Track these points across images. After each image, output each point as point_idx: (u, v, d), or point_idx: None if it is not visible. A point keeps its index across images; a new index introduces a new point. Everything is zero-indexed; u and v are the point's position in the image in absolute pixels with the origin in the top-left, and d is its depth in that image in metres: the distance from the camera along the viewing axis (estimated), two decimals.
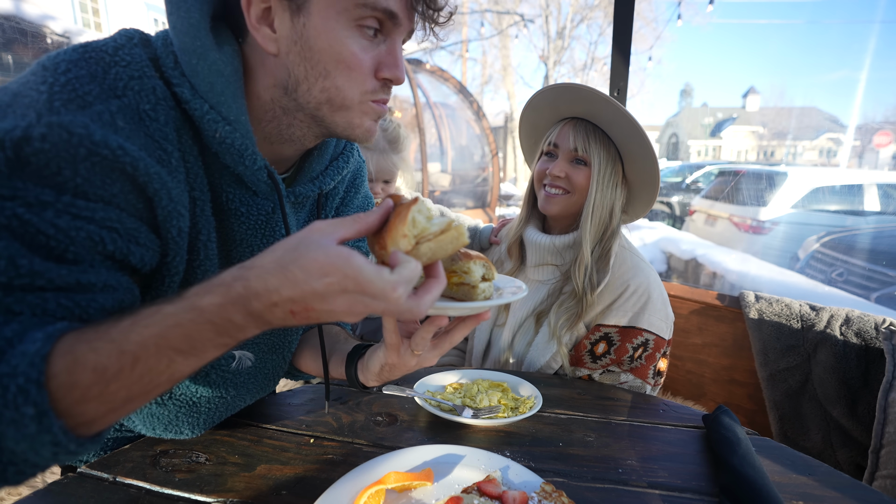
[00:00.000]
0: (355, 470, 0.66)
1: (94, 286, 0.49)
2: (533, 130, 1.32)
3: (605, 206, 1.16)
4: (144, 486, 0.66)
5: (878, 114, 23.70)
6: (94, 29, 8.85)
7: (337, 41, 0.58)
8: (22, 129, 0.45)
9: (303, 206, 0.80)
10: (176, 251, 0.59)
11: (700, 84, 62.15)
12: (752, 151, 34.62)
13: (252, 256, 0.69)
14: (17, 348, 0.41)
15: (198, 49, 0.57)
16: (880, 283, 3.35)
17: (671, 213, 9.15)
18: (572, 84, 1.12)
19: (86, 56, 0.53)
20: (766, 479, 0.67)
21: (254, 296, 0.44)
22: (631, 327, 1.11)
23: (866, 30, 25.61)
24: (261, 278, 0.44)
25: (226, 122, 0.60)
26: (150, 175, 0.52)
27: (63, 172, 0.47)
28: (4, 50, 3.81)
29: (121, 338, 0.44)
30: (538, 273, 1.26)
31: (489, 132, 6.95)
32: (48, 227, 0.46)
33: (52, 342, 0.42)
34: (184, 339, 0.45)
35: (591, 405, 0.96)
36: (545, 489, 0.63)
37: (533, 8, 17.08)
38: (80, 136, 0.47)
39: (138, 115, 0.54)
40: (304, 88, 0.61)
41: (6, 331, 0.42)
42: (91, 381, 0.42)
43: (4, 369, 0.39)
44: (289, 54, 0.60)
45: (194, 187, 0.61)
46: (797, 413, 1.57)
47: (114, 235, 0.50)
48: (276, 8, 0.58)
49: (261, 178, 0.65)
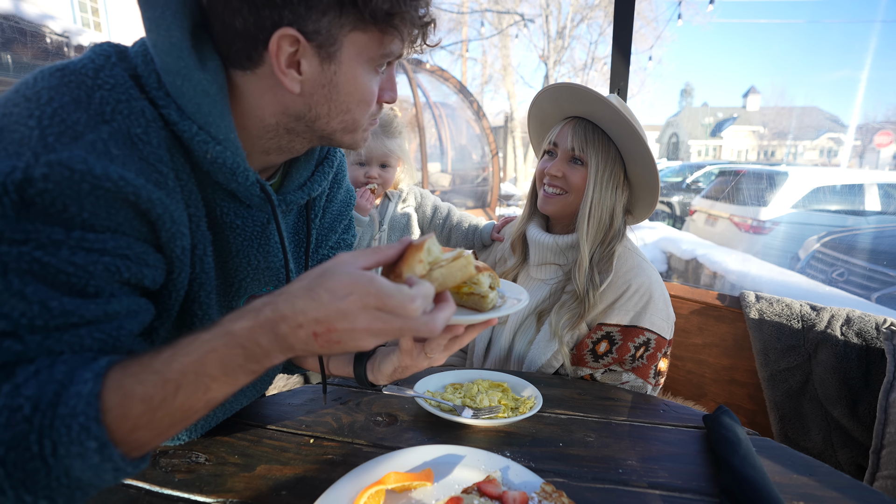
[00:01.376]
0: (355, 470, 0.66)
1: (119, 314, 0.53)
2: (540, 127, 1.33)
3: (603, 208, 1.16)
4: (144, 486, 0.66)
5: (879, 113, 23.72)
6: (93, 29, 8.84)
7: (363, 85, 0.64)
8: (22, 170, 0.46)
9: (291, 210, 0.81)
10: (181, 268, 0.61)
11: (700, 84, 62.27)
12: (753, 151, 34.62)
13: (248, 266, 0.73)
14: (71, 390, 0.44)
15: (181, 70, 0.57)
16: (881, 283, 3.35)
17: (671, 213, 9.15)
18: (571, 84, 1.13)
19: (65, 81, 0.52)
20: (767, 480, 0.67)
21: (281, 318, 0.47)
22: (633, 326, 1.11)
23: (867, 29, 25.60)
24: (289, 302, 0.47)
25: (216, 142, 0.60)
26: (153, 201, 0.54)
27: (69, 209, 0.48)
28: (4, 49, 3.81)
29: (163, 368, 0.47)
30: (540, 272, 1.26)
31: (489, 132, 6.95)
32: (67, 266, 0.48)
33: (101, 380, 0.46)
34: (218, 365, 0.47)
35: (592, 405, 0.95)
36: (545, 489, 0.63)
37: (533, 7, 17.08)
38: (82, 172, 0.48)
39: (130, 139, 0.54)
40: (323, 121, 0.65)
41: (56, 374, 0.45)
42: (140, 411, 0.46)
43: (64, 411, 0.43)
44: (313, 95, 0.62)
45: (189, 204, 0.63)
46: (798, 413, 1.57)
47: (127, 263, 0.53)
48: (305, 53, 0.59)
49: (254, 192, 0.67)
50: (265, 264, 0.75)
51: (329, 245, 0.95)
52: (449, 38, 15.56)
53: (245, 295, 0.76)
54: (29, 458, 0.42)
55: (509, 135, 15.11)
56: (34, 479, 0.42)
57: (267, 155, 0.70)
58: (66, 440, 0.42)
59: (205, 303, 0.67)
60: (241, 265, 0.73)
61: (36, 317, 0.46)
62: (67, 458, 0.42)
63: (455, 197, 6.86)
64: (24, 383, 0.44)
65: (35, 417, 0.42)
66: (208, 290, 0.67)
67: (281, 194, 0.75)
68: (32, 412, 0.43)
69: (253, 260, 0.73)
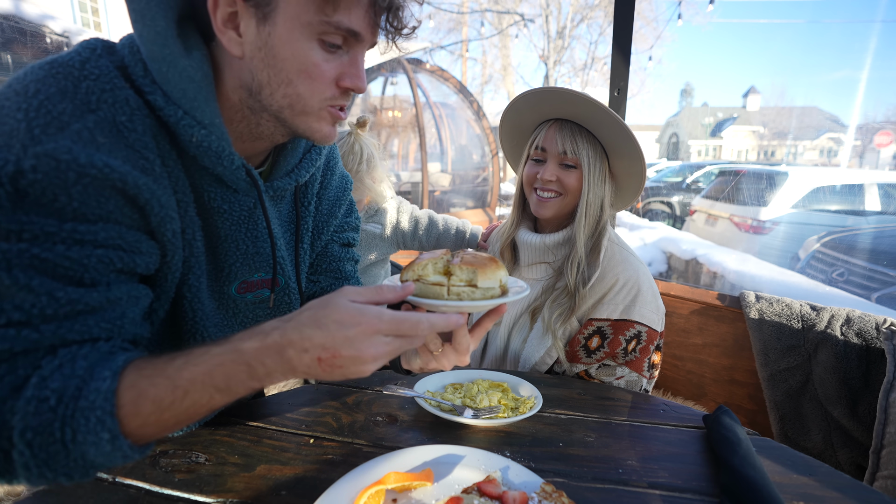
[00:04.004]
0: (355, 470, 0.66)
1: (120, 300, 0.56)
2: (514, 131, 1.33)
3: (596, 203, 1.18)
4: (144, 486, 0.66)
5: (879, 113, 23.70)
6: (93, 28, 8.83)
7: (300, 52, 0.60)
8: (13, 162, 0.48)
9: (282, 198, 0.82)
10: (173, 251, 0.63)
11: (700, 84, 62.26)
12: (753, 151, 34.61)
13: (237, 251, 0.75)
14: (91, 385, 0.50)
15: (167, 57, 0.58)
16: (881, 283, 3.35)
17: (671, 213, 9.15)
18: (556, 88, 1.14)
19: (53, 73, 0.54)
20: (767, 480, 0.67)
21: (289, 343, 0.51)
22: (623, 320, 1.12)
23: (867, 29, 25.58)
24: (297, 329, 0.51)
25: (201, 126, 0.61)
26: (140, 187, 0.56)
27: (59, 199, 0.50)
28: (4, 49, 3.81)
29: (175, 375, 0.52)
30: (531, 272, 1.28)
31: (489, 132, 6.95)
32: (63, 260, 0.51)
33: (118, 378, 0.51)
34: (223, 378, 0.52)
35: (592, 405, 0.95)
36: (545, 489, 0.63)
37: (533, 7, 17.06)
38: (67, 162, 0.50)
39: (115, 127, 0.55)
40: (267, 93, 0.63)
41: (77, 369, 0.50)
42: (150, 410, 0.51)
43: (84, 404, 0.49)
44: (253, 59, 0.61)
45: (177, 190, 0.64)
46: (798, 413, 1.57)
47: (119, 253, 0.56)
48: (243, 13, 0.59)
49: (240, 176, 0.68)
50: (254, 249, 0.77)
51: (331, 230, 0.96)
52: (449, 38, 15.58)
53: (236, 281, 0.78)
54: (52, 443, 0.48)
55: None
56: (55, 459, 0.49)
57: (243, 142, 0.70)
58: (84, 430, 0.48)
59: (194, 286, 0.70)
60: (230, 250, 0.74)
61: (46, 307, 0.50)
62: (84, 445, 0.49)
63: (455, 197, 6.86)
64: (50, 376, 0.49)
65: (59, 408, 0.48)
66: (198, 274, 0.69)
67: (269, 181, 0.76)
68: (57, 403, 0.48)
69: (241, 245, 0.75)
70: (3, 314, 0.49)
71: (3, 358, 0.49)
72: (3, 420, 0.48)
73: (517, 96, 1.23)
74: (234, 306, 0.80)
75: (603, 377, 1.14)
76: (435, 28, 14.94)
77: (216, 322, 0.77)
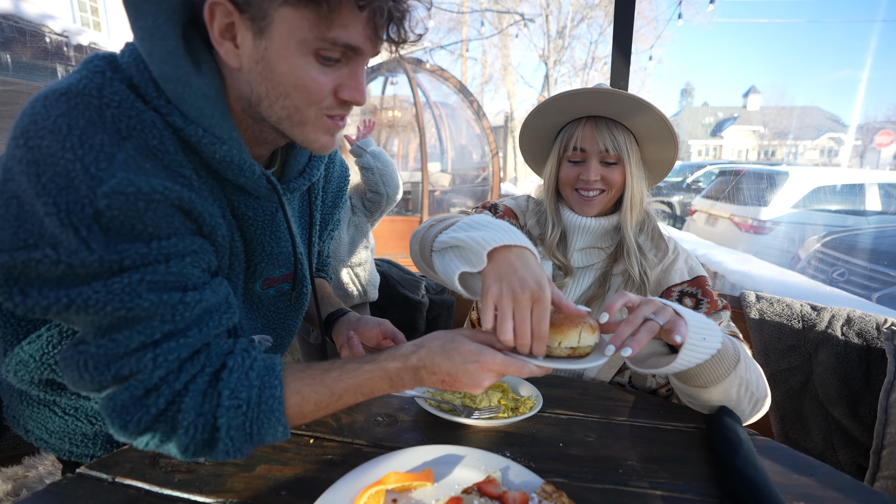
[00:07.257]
0: (355, 470, 0.66)
1: (223, 294, 0.65)
2: (537, 134, 1.31)
3: (640, 193, 1.19)
4: (143, 486, 0.66)
5: (880, 113, 23.71)
6: (93, 28, 8.81)
7: (297, 67, 0.60)
8: (88, 205, 0.52)
9: (294, 196, 0.84)
10: (222, 254, 0.70)
11: (701, 83, 62.23)
12: (753, 151, 34.61)
13: (262, 252, 0.80)
14: (266, 393, 0.61)
15: (181, 77, 0.58)
16: (882, 283, 3.35)
17: (672, 212, 9.15)
18: (599, 89, 1.10)
19: (73, 104, 0.54)
20: (768, 480, 0.67)
21: (423, 366, 0.66)
22: (695, 277, 1.15)
23: (868, 29, 25.55)
24: (430, 356, 0.66)
25: (221, 142, 0.62)
26: (192, 201, 0.60)
27: (136, 227, 0.55)
28: (3, 49, 3.80)
29: (333, 384, 0.65)
30: (583, 257, 1.23)
31: (489, 132, 6.94)
32: (168, 275, 0.57)
33: (283, 385, 0.63)
34: (370, 388, 0.67)
35: (592, 405, 0.95)
36: (545, 490, 0.63)
37: (533, 7, 17.05)
38: (134, 193, 0.53)
39: (150, 151, 0.57)
40: (265, 105, 0.64)
41: (253, 380, 0.61)
42: (311, 410, 0.65)
43: (265, 408, 0.61)
44: (251, 71, 0.61)
45: (215, 199, 0.67)
46: (798, 413, 1.57)
47: (200, 256, 0.62)
48: (239, 25, 0.58)
49: (261, 184, 0.70)
50: (277, 250, 0.81)
51: (335, 220, 1.02)
52: (449, 38, 15.57)
53: (261, 278, 0.83)
54: (243, 435, 0.61)
55: (509, 135, 15.09)
56: (243, 444, 0.61)
57: (250, 147, 0.71)
58: (266, 426, 0.61)
59: (233, 282, 0.76)
60: (257, 252, 0.78)
61: (185, 312, 0.58)
62: (264, 435, 0.62)
63: (455, 197, 6.86)
64: (237, 387, 0.60)
65: (249, 412, 0.60)
66: (238, 272, 0.76)
67: (284, 183, 0.78)
68: (247, 409, 0.60)
69: (266, 247, 0.79)
70: (158, 331, 0.56)
71: (177, 366, 0.59)
72: (206, 421, 0.59)
73: (547, 99, 1.19)
74: (257, 301, 0.85)
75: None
76: (435, 28, 14.93)
77: (243, 316, 0.82)
